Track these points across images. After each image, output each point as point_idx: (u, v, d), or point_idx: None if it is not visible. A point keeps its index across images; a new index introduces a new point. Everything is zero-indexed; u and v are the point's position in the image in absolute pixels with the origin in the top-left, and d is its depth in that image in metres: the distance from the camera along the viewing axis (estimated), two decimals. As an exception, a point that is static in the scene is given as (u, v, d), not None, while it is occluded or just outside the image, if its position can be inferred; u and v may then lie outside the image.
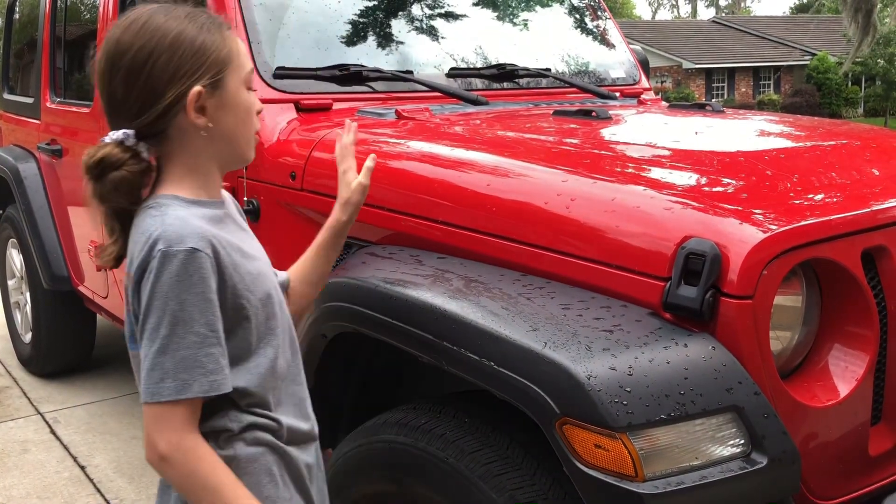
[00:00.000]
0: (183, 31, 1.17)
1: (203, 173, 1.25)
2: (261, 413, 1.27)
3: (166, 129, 1.20)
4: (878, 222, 1.62)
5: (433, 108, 2.51)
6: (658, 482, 1.29)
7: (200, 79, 1.18)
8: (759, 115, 2.86)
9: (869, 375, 1.55)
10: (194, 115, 1.19)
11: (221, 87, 1.21)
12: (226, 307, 1.19)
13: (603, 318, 1.46)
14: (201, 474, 1.15)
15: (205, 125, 1.20)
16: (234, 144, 1.27)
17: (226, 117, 1.23)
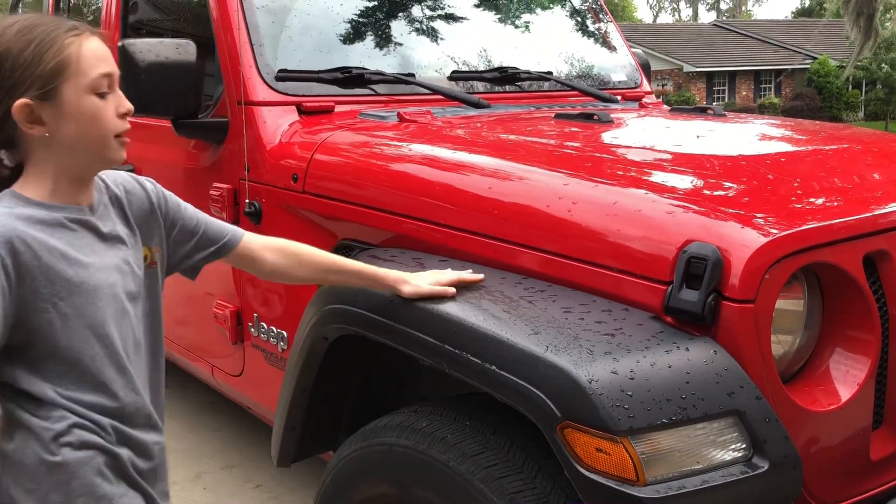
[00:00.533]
0: (8, 49, 1.22)
1: (51, 180, 1.28)
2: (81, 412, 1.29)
3: (13, 137, 1.25)
4: (879, 227, 1.62)
5: (435, 110, 2.51)
6: (659, 486, 1.29)
7: (26, 92, 1.21)
8: (761, 119, 2.86)
9: (870, 380, 1.55)
10: (27, 127, 1.23)
11: (56, 96, 1.23)
12: (25, 306, 1.22)
13: (604, 322, 1.46)
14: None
15: (41, 134, 1.24)
16: (81, 151, 1.29)
17: (66, 126, 1.25)
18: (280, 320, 2.38)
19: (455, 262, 1.78)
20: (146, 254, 1.43)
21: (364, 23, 2.77)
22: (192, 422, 3.72)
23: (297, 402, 1.99)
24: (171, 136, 2.57)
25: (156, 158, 2.96)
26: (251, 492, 3.08)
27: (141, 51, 2.25)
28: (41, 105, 1.23)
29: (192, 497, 3.03)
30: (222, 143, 2.51)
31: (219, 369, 2.77)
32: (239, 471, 3.24)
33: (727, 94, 31.86)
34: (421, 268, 1.79)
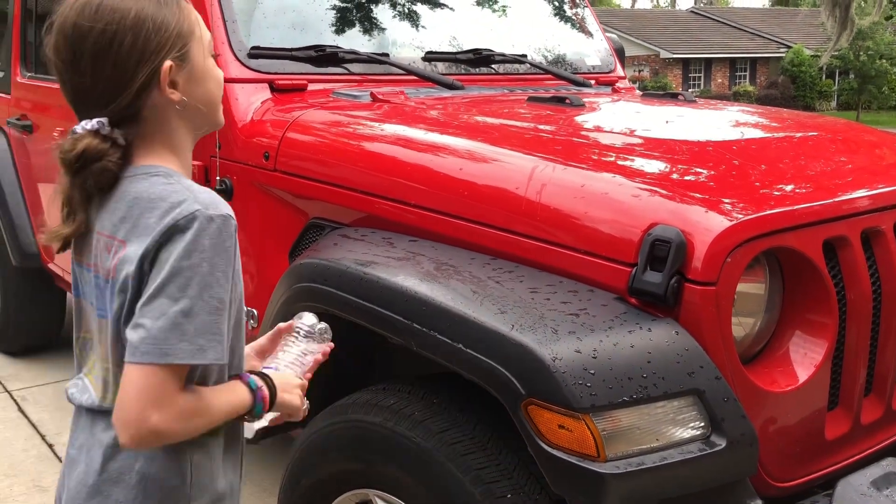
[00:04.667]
0: (142, 9, 1.15)
1: (182, 150, 1.24)
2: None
3: (140, 110, 1.17)
4: (840, 213, 1.66)
5: (409, 91, 2.51)
6: (619, 462, 1.32)
7: (169, 53, 1.15)
8: (731, 106, 2.90)
9: (827, 362, 1.60)
10: (168, 91, 1.17)
11: (188, 59, 1.19)
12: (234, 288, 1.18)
13: (570, 302, 1.48)
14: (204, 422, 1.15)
15: (179, 100, 1.18)
16: (208, 114, 1.25)
17: (197, 88, 1.21)
18: (251, 298, 2.38)
19: (425, 242, 1.80)
20: None
21: (339, 1, 2.76)
22: (161, 399, 3.71)
23: (266, 379, 1.99)
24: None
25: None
26: (220, 469, 3.08)
27: (111, 24, 2.23)
28: (178, 68, 1.17)
29: (161, 474, 3.03)
30: (194, 119, 2.49)
31: (189, 347, 2.76)
32: (208, 448, 3.24)
33: (703, 81, 32.06)
34: (391, 247, 1.80)
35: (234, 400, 1.21)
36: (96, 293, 1.18)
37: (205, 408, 1.15)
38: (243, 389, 1.23)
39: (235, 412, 1.21)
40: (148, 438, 1.10)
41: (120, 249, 1.13)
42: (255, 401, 1.23)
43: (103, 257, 1.15)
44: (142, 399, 1.07)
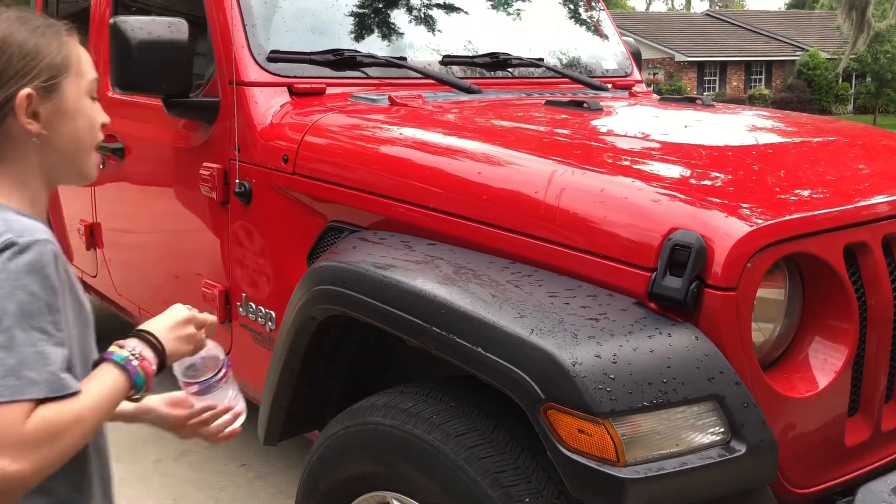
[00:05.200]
0: (12, 34, 1.12)
1: (32, 188, 1.17)
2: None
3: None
4: (860, 219, 1.65)
5: (426, 95, 2.52)
6: (639, 467, 1.32)
7: (31, 82, 1.12)
8: (749, 110, 2.89)
9: (847, 368, 1.59)
10: (25, 121, 1.12)
11: (57, 92, 1.15)
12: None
13: (589, 307, 1.48)
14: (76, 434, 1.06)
15: (38, 132, 1.14)
16: (71, 156, 1.20)
17: (62, 126, 1.16)
18: (268, 300, 2.40)
19: (443, 245, 1.80)
20: None
21: (357, 5, 2.77)
22: (178, 400, 3.74)
23: (284, 381, 2.01)
24: (162, 115, 2.57)
25: (146, 137, 2.96)
26: (236, 470, 3.10)
27: (133, 28, 2.25)
28: (41, 99, 1.13)
29: (177, 475, 3.05)
30: (213, 122, 2.51)
31: (206, 348, 2.78)
32: (224, 449, 3.26)
33: (718, 84, 31.92)
34: (409, 251, 1.81)
35: (102, 388, 1.10)
36: None
37: (67, 420, 1.04)
38: (110, 370, 1.12)
39: (113, 399, 1.11)
40: (11, 486, 1.00)
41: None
42: (130, 376, 1.13)
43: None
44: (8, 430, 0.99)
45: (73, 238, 3.79)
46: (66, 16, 3.90)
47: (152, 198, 3.00)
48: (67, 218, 3.83)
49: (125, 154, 3.11)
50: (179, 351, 1.26)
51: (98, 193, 3.42)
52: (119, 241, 3.35)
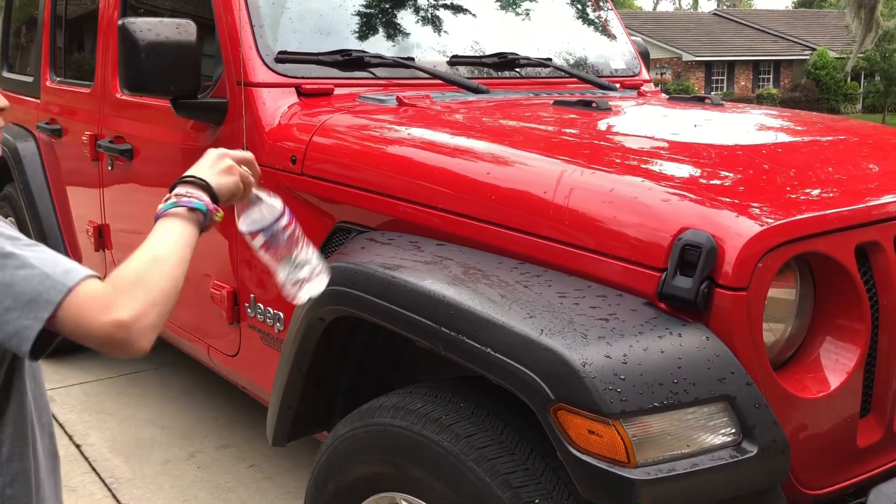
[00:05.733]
0: None
1: None
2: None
3: None
4: (872, 218, 1.64)
5: (434, 95, 2.52)
6: (650, 468, 1.31)
7: None
8: (758, 109, 2.87)
9: (859, 369, 1.58)
10: None
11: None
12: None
13: (599, 307, 1.48)
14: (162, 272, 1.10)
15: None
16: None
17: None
18: (276, 301, 2.40)
19: (452, 245, 1.80)
20: None
21: (364, 6, 2.77)
22: (186, 401, 3.75)
23: (292, 382, 2.01)
24: (170, 116, 2.58)
25: (154, 138, 2.97)
26: (245, 471, 3.10)
27: (141, 30, 2.25)
28: None
29: (186, 476, 3.06)
30: (221, 123, 2.52)
31: (215, 349, 2.79)
32: (233, 451, 3.27)
33: (726, 84, 31.83)
34: (418, 251, 1.80)
35: (163, 230, 1.14)
36: None
37: (141, 262, 1.08)
38: (165, 222, 1.16)
39: (181, 235, 1.15)
40: (132, 332, 1.04)
41: None
42: (187, 210, 1.17)
43: None
44: (92, 316, 1.03)
45: (81, 239, 3.80)
46: (74, 18, 3.91)
47: (161, 199, 3.00)
48: (76, 219, 3.84)
49: (134, 155, 3.11)
50: (224, 184, 1.26)
51: (107, 195, 3.43)
52: (128, 242, 3.35)
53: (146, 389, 3.88)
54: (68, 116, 3.77)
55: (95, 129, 3.40)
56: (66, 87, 3.83)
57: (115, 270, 1.09)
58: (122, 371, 4.11)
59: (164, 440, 3.37)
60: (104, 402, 3.75)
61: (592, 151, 1.89)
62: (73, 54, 3.95)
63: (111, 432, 3.44)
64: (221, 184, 1.26)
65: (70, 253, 3.91)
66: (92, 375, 4.06)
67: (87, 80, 3.57)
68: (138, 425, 3.51)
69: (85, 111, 3.54)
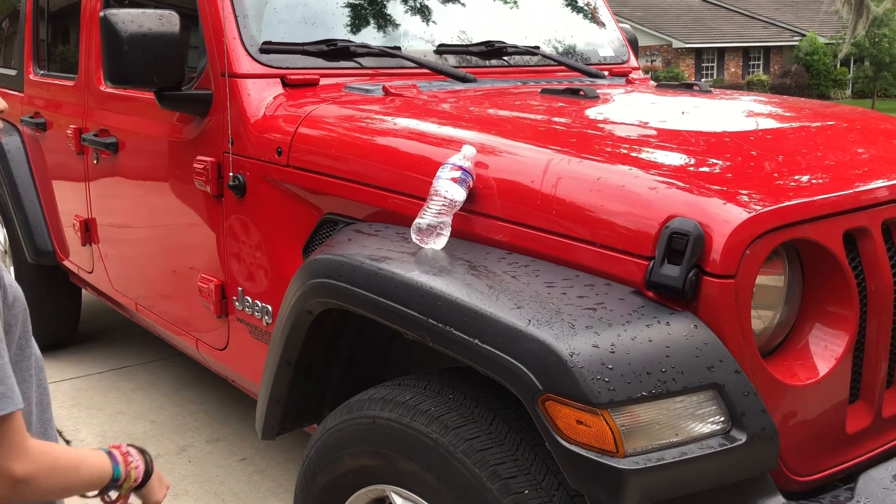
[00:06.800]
0: None
1: None
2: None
3: None
4: (860, 203, 1.63)
5: (421, 84, 2.50)
6: (638, 458, 1.30)
7: None
8: (747, 96, 2.86)
9: (848, 355, 1.58)
10: None
11: None
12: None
13: (586, 297, 1.47)
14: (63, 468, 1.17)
15: None
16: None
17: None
18: (265, 294, 2.38)
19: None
20: None
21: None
22: (176, 395, 3.73)
23: (281, 375, 1.99)
24: (155, 109, 2.55)
25: (139, 131, 2.94)
26: (236, 465, 3.09)
27: (123, 21, 2.22)
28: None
29: (177, 470, 3.05)
30: (206, 115, 2.49)
31: (203, 343, 2.77)
32: (224, 444, 3.26)
33: (716, 71, 31.84)
34: (405, 242, 1.79)
35: (99, 468, 1.23)
36: None
37: (64, 464, 1.16)
38: (103, 458, 1.25)
39: (94, 482, 1.23)
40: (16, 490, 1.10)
41: None
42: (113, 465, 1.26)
43: None
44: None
45: (68, 234, 3.77)
46: (57, 10, 3.87)
47: (147, 192, 2.98)
48: (62, 214, 3.81)
49: (119, 149, 3.09)
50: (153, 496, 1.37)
51: (92, 189, 3.40)
52: (114, 236, 3.33)
53: (136, 384, 3.86)
54: (52, 110, 3.73)
55: (80, 122, 3.37)
56: (50, 80, 3.79)
57: (52, 446, 1.18)
58: (111, 366, 4.09)
59: (155, 434, 3.36)
60: (94, 397, 3.73)
61: (580, 140, 1.88)
62: (56, 47, 3.91)
63: (101, 427, 3.43)
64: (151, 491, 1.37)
65: (57, 248, 3.88)
66: (82, 371, 4.04)
67: (70, 72, 3.54)
68: (129, 420, 3.49)
69: (69, 104, 3.50)
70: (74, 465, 1.19)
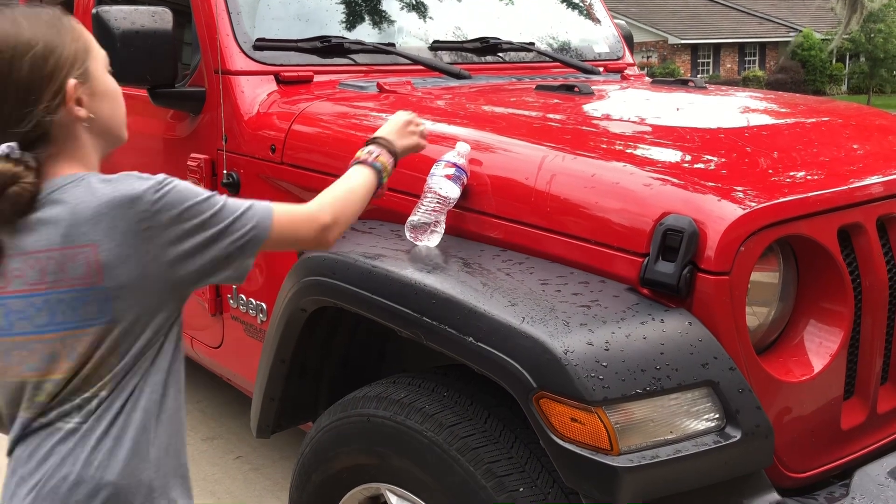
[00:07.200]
0: (36, 34, 1.16)
1: (92, 166, 1.24)
2: None
3: (49, 130, 1.17)
4: (854, 200, 1.63)
5: (415, 81, 2.49)
6: (633, 455, 1.30)
7: (70, 73, 1.18)
8: (742, 92, 2.86)
9: (843, 351, 1.57)
10: (76, 109, 1.19)
11: (89, 76, 1.21)
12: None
13: (581, 294, 1.46)
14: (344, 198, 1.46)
15: (86, 116, 1.20)
16: (114, 128, 1.28)
17: (101, 105, 1.23)
18: (259, 292, 2.38)
19: (433, 233, 1.78)
20: None
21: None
22: (172, 393, 3.72)
23: (275, 373, 1.99)
24: (148, 106, 2.54)
25: (132, 129, 2.91)
26: (232, 463, 3.09)
27: (116, 18, 2.21)
28: (81, 86, 1.19)
29: (173, 468, 3.04)
30: (200, 112, 2.48)
31: (198, 341, 2.77)
32: (219, 442, 3.25)
33: (712, 67, 31.84)
34: (399, 240, 1.79)
35: (352, 174, 1.53)
36: (49, 311, 1.15)
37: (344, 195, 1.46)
38: (355, 168, 1.54)
39: (365, 182, 1.52)
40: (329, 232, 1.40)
41: (96, 251, 1.13)
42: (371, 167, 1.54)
43: (55, 273, 1.13)
44: (306, 223, 1.37)
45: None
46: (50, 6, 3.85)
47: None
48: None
49: (113, 146, 3.07)
50: (406, 145, 1.66)
51: (87, 186, 3.38)
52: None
53: (131, 382, 3.85)
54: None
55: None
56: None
57: (321, 194, 1.45)
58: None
59: (150, 433, 3.34)
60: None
61: (574, 136, 1.88)
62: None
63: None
64: (405, 144, 1.66)
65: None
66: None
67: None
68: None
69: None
70: (350, 190, 1.48)
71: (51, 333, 1.14)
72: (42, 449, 1.17)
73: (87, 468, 1.16)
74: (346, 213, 1.44)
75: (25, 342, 1.15)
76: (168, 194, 1.17)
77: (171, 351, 1.27)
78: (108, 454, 1.17)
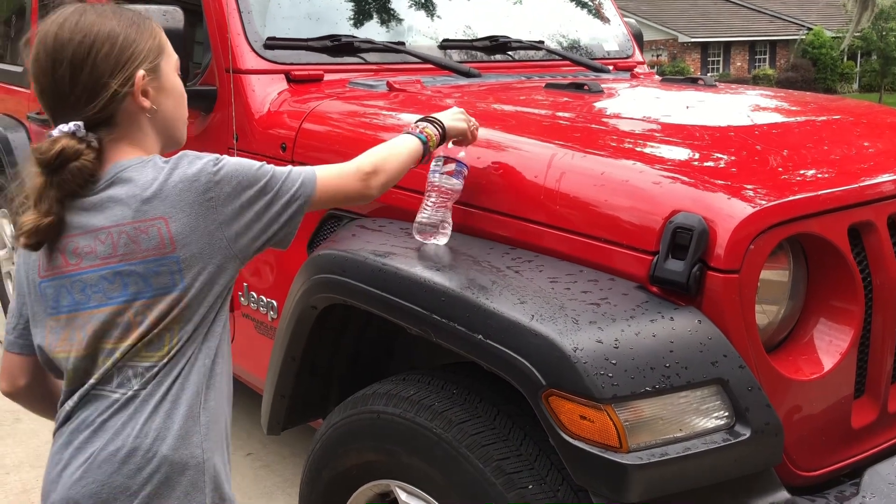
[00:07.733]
0: (117, 25, 1.27)
1: (150, 154, 1.32)
2: None
3: (114, 115, 1.26)
4: (865, 198, 1.63)
5: (425, 80, 2.50)
6: (642, 453, 1.30)
7: (142, 65, 1.27)
8: (752, 90, 2.85)
9: (853, 350, 1.57)
10: (141, 99, 1.28)
11: (159, 72, 1.31)
12: None
13: (590, 292, 1.47)
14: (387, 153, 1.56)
15: (150, 107, 1.29)
16: (174, 127, 1.37)
17: (166, 100, 1.33)
18: (270, 290, 2.39)
19: (443, 231, 1.78)
20: None
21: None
22: (183, 391, 3.74)
23: (286, 370, 2.00)
24: (159, 105, 2.55)
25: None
26: (242, 460, 3.10)
27: (127, 17, 2.22)
28: (149, 79, 1.29)
29: (184, 465, 3.05)
30: (210, 111, 2.49)
31: (209, 338, 2.77)
32: (230, 439, 3.26)
33: (722, 65, 31.73)
34: (409, 238, 1.79)
35: (400, 139, 1.61)
36: (123, 283, 1.23)
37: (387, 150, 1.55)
38: (404, 136, 1.63)
39: (410, 148, 1.60)
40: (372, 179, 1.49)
41: (167, 223, 1.22)
42: (418, 138, 1.62)
43: (127, 246, 1.22)
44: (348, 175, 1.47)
45: (74, 230, 3.77)
46: (62, 6, 3.87)
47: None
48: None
49: (124, 145, 3.09)
50: (455, 126, 1.72)
51: (98, 185, 3.40)
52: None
53: (142, 379, 3.87)
54: (58, 106, 3.74)
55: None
56: (56, 76, 3.79)
57: (369, 151, 1.54)
58: (118, 361, 4.09)
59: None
60: (100, 392, 3.74)
61: (584, 135, 1.88)
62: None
63: (108, 423, 3.44)
64: (453, 125, 1.72)
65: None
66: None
67: (76, 69, 3.53)
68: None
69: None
70: (391, 146, 1.57)
71: (125, 304, 1.23)
72: (100, 419, 1.23)
73: (143, 438, 1.22)
74: (388, 164, 1.51)
75: (102, 314, 1.23)
76: (225, 167, 1.28)
77: (224, 318, 1.34)
78: (165, 417, 1.24)
